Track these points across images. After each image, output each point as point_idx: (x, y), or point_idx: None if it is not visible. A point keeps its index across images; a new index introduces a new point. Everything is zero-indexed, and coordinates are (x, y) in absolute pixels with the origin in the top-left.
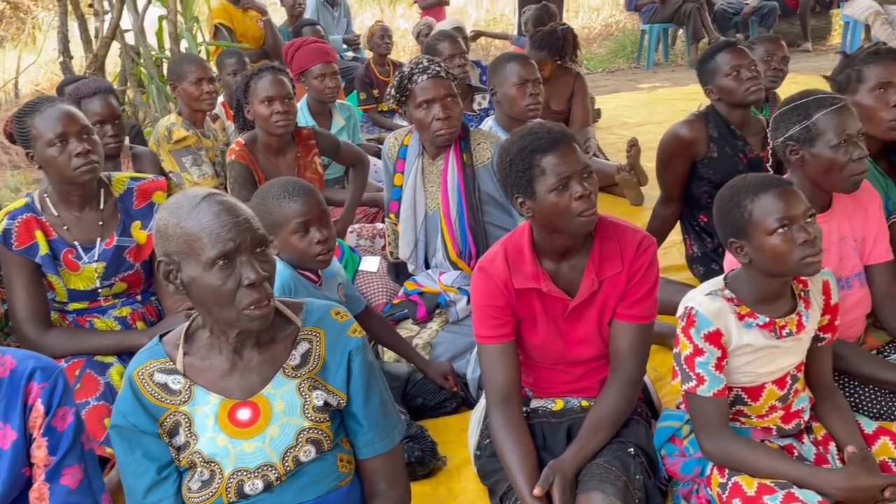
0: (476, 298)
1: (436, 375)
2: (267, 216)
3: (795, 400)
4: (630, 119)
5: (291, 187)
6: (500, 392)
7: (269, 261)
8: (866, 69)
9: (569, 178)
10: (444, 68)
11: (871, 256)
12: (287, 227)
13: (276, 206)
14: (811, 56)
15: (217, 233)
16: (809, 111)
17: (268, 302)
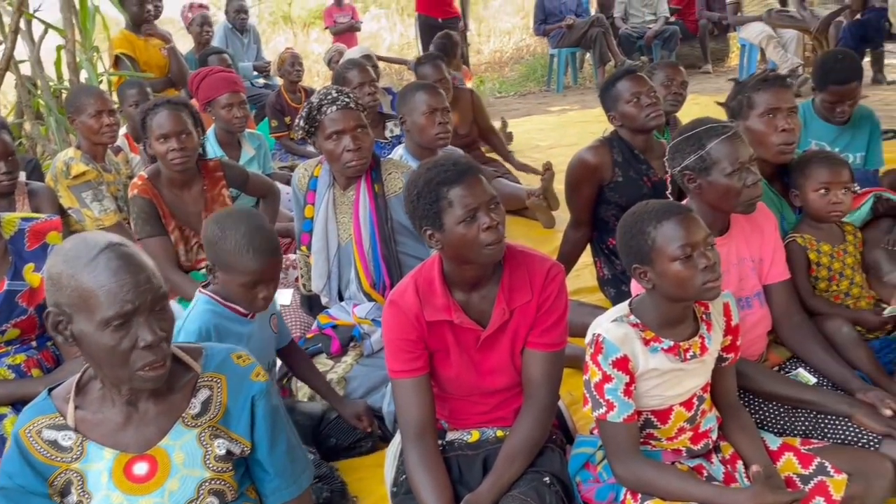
0: (388, 333)
1: (349, 416)
2: (222, 254)
3: (703, 420)
4: (541, 142)
5: (258, 243)
6: (415, 427)
7: (168, 318)
8: (756, 96)
9: (476, 210)
10: (354, 99)
11: (768, 276)
12: (237, 279)
13: (236, 255)
14: (711, 77)
15: (115, 293)
16: (702, 141)
17: (163, 363)
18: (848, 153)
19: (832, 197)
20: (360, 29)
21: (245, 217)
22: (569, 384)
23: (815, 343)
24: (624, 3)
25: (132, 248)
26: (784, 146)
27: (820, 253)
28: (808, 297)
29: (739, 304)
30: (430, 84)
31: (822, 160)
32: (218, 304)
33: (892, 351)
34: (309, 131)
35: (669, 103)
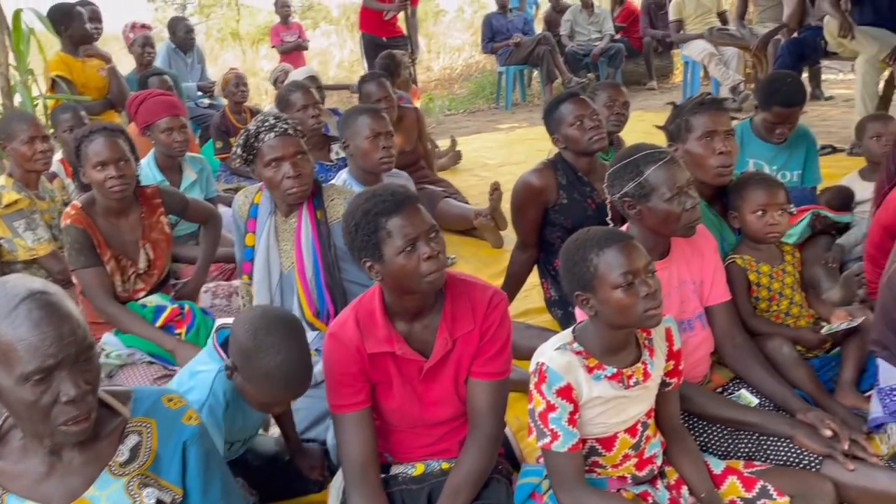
0: (328, 367)
1: (304, 466)
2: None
3: (647, 446)
4: (490, 160)
5: (293, 379)
6: (358, 465)
7: (94, 368)
8: (693, 119)
9: (416, 240)
10: (293, 124)
11: (709, 298)
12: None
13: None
14: (657, 94)
15: (36, 346)
16: (640, 168)
17: (87, 416)
18: (785, 171)
19: (769, 218)
20: (307, 48)
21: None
22: (516, 409)
23: (756, 364)
24: (570, 21)
25: (56, 297)
26: (721, 168)
27: (760, 274)
28: (748, 317)
29: (682, 327)
30: (373, 108)
31: (758, 182)
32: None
33: (832, 369)
34: (247, 159)
35: (612, 124)
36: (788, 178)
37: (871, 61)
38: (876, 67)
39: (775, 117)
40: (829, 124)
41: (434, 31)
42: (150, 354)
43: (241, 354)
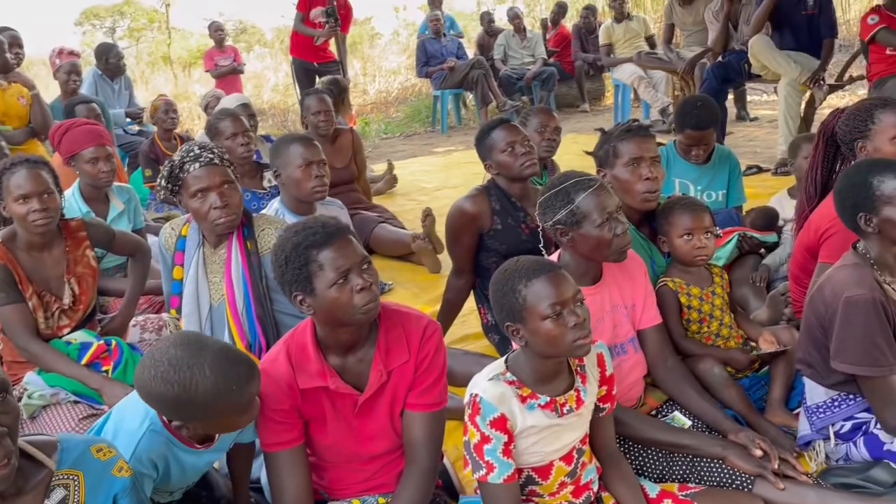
0: (259, 404)
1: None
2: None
3: (583, 473)
4: (427, 184)
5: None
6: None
7: (11, 410)
8: (620, 146)
9: (348, 272)
10: (219, 154)
11: (641, 321)
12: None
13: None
14: (589, 116)
15: None
16: (571, 195)
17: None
18: (710, 191)
19: (696, 242)
20: (242, 72)
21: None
22: (454, 437)
23: (688, 386)
24: (503, 45)
25: None
26: (648, 194)
27: (690, 296)
28: (680, 339)
29: (615, 351)
30: (305, 136)
31: (684, 207)
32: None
33: (762, 388)
34: (172, 190)
35: (544, 149)
36: (713, 198)
37: (792, 84)
38: (797, 90)
39: (689, 140)
40: (755, 144)
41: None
42: (76, 394)
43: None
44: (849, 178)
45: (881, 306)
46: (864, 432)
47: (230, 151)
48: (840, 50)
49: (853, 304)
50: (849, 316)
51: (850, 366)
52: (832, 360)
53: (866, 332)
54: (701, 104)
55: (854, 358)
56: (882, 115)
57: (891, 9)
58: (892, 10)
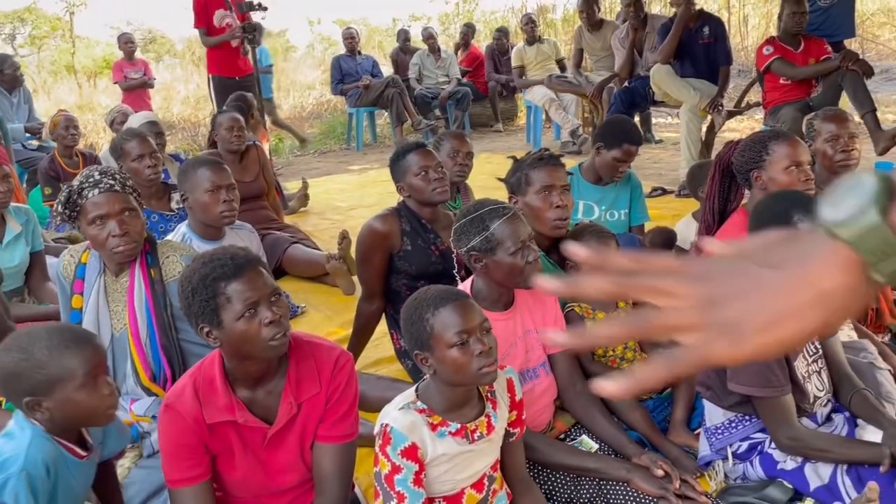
0: (164, 439)
1: None
2: (36, 377)
3: (494, 500)
4: (341, 203)
5: (68, 336)
6: None
7: None
8: (532, 173)
9: (256, 304)
10: (120, 179)
11: (552, 346)
12: (70, 384)
13: (51, 361)
14: (502, 136)
15: None
16: (486, 222)
17: None
18: (613, 211)
19: None
20: (153, 86)
21: (30, 331)
22: (366, 465)
23: (595, 410)
24: (418, 64)
25: None
26: (558, 221)
27: (596, 320)
28: (587, 363)
29: (527, 375)
30: (214, 160)
31: (590, 234)
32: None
33: (665, 409)
34: (70, 216)
35: (456, 174)
36: (616, 217)
37: (692, 110)
38: (697, 115)
39: (624, 155)
40: (660, 166)
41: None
42: None
43: (19, 379)
44: (768, 209)
45: None
46: (760, 452)
47: (136, 173)
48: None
49: None
50: None
51: (745, 387)
52: (728, 383)
53: None
54: (625, 120)
55: (749, 380)
56: (776, 147)
57: (784, 41)
58: (786, 42)
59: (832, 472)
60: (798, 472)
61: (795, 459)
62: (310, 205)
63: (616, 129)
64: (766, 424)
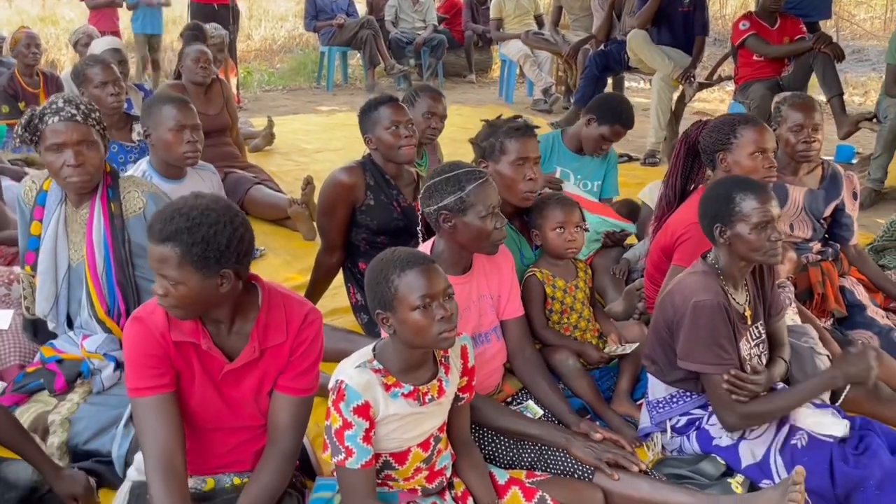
0: (129, 349)
1: (64, 493)
2: None
3: (438, 459)
4: (307, 145)
5: None
6: (161, 454)
7: None
8: (508, 143)
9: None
10: (84, 110)
11: (505, 312)
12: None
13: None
14: (475, 87)
15: None
16: (462, 183)
17: None
18: (587, 181)
19: (567, 235)
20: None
21: None
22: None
23: (540, 377)
24: (394, 7)
25: None
26: (528, 193)
27: (555, 287)
28: (540, 328)
29: (479, 339)
30: (180, 98)
31: (556, 203)
32: None
33: (611, 378)
34: (31, 140)
35: (427, 135)
36: (589, 188)
37: (665, 79)
38: (669, 85)
39: (612, 134)
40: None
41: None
42: None
43: None
44: (716, 189)
45: (725, 311)
46: (697, 428)
47: (99, 101)
48: (715, 44)
49: (701, 307)
50: (696, 319)
51: (696, 364)
52: (679, 361)
53: (712, 334)
54: (627, 103)
55: (700, 357)
56: (744, 131)
57: (761, 17)
58: (762, 19)
59: (765, 451)
60: (732, 449)
61: (731, 437)
62: (275, 144)
63: (612, 106)
64: (712, 401)
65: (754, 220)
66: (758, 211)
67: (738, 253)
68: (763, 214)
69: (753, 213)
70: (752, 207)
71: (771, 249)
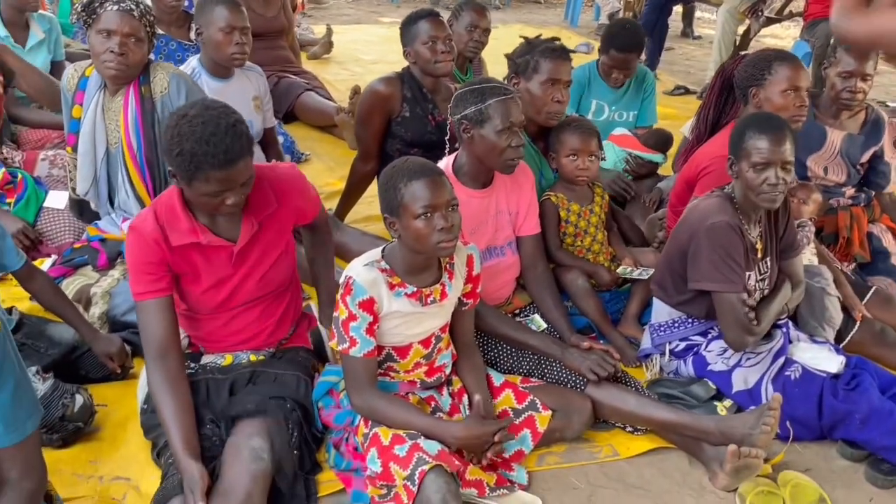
0: (130, 257)
1: (100, 353)
2: None
3: (438, 357)
4: (365, 55)
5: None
6: (158, 347)
7: None
8: (542, 62)
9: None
10: (141, 9)
11: (522, 229)
12: None
13: None
14: (542, 7)
15: None
16: (484, 96)
17: None
18: (623, 111)
19: (580, 163)
20: None
21: None
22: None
23: (548, 294)
24: None
25: None
26: (554, 114)
27: (570, 211)
28: (555, 249)
29: (494, 252)
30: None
31: (574, 129)
32: None
33: (620, 302)
34: (85, 20)
35: (470, 49)
36: (624, 118)
37: (731, 11)
38: (735, 18)
39: (612, 61)
40: (690, 64)
41: None
42: None
43: None
44: (739, 124)
45: (740, 231)
46: (695, 353)
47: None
48: None
49: (717, 227)
50: (712, 238)
51: (709, 283)
52: (691, 283)
53: (726, 252)
54: (628, 27)
55: (711, 276)
56: (779, 67)
57: None
58: None
59: (758, 379)
60: (725, 375)
61: (726, 363)
62: (332, 52)
63: (610, 33)
64: (721, 320)
65: (753, 158)
66: (759, 151)
67: (746, 185)
68: (761, 155)
69: (754, 152)
70: (755, 146)
71: (767, 192)
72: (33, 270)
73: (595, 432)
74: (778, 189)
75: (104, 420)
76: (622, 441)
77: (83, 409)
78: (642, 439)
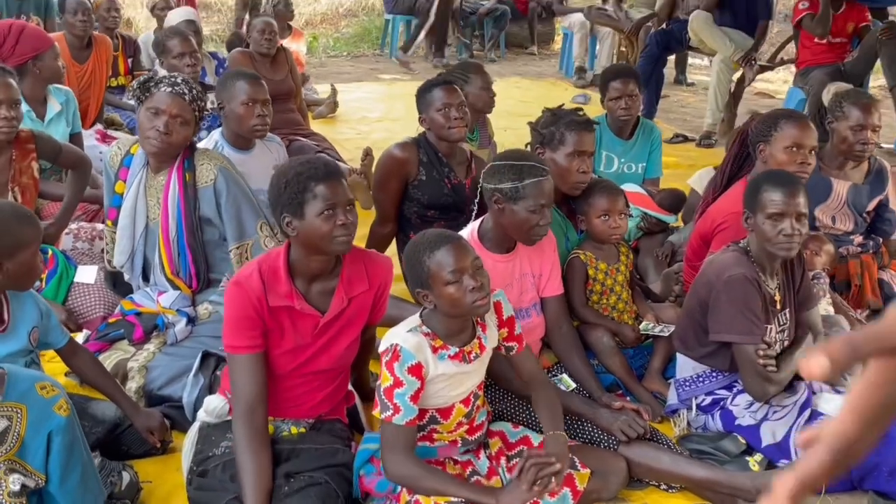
0: (230, 311)
1: (141, 428)
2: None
3: (477, 415)
4: (370, 113)
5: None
6: (247, 402)
7: None
8: (568, 134)
9: (335, 206)
10: (193, 94)
11: (545, 290)
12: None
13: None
14: (535, 60)
15: None
16: (522, 174)
17: None
18: (631, 163)
19: (612, 222)
20: None
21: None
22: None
23: (575, 353)
24: None
25: None
26: (579, 184)
27: (597, 270)
28: (580, 306)
29: (520, 314)
30: (252, 74)
31: (601, 190)
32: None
33: (644, 357)
34: (139, 97)
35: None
36: (633, 170)
37: (725, 61)
38: (729, 67)
39: (615, 93)
40: (686, 111)
41: None
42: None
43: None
44: (753, 180)
45: (757, 284)
46: (721, 407)
47: (176, 71)
48: (785, 20)
49: (734, 280)
50: (730, 290)
51: (729, 335)
52: (712, 335)
53: (745, 304)
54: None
55: (731, 327)
56: (785, 125)
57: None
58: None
59: (786, 432)
60: (754, 428)
61: (754, 417)
62: (338, 112)
63: (605, 73)
64: (742, 373)
65: (769, 210)
66: (774, 203)
67: (762, 237)
68: (777, 206)
69: (770, 204)
70: (770, 199)
71: (783, 242)
72: (76, 347)
73: (630, 491)
74: (794, 239)
75: (149, 496)
76: (657, 500)
77: (130, 487)
78: (677, 497)
